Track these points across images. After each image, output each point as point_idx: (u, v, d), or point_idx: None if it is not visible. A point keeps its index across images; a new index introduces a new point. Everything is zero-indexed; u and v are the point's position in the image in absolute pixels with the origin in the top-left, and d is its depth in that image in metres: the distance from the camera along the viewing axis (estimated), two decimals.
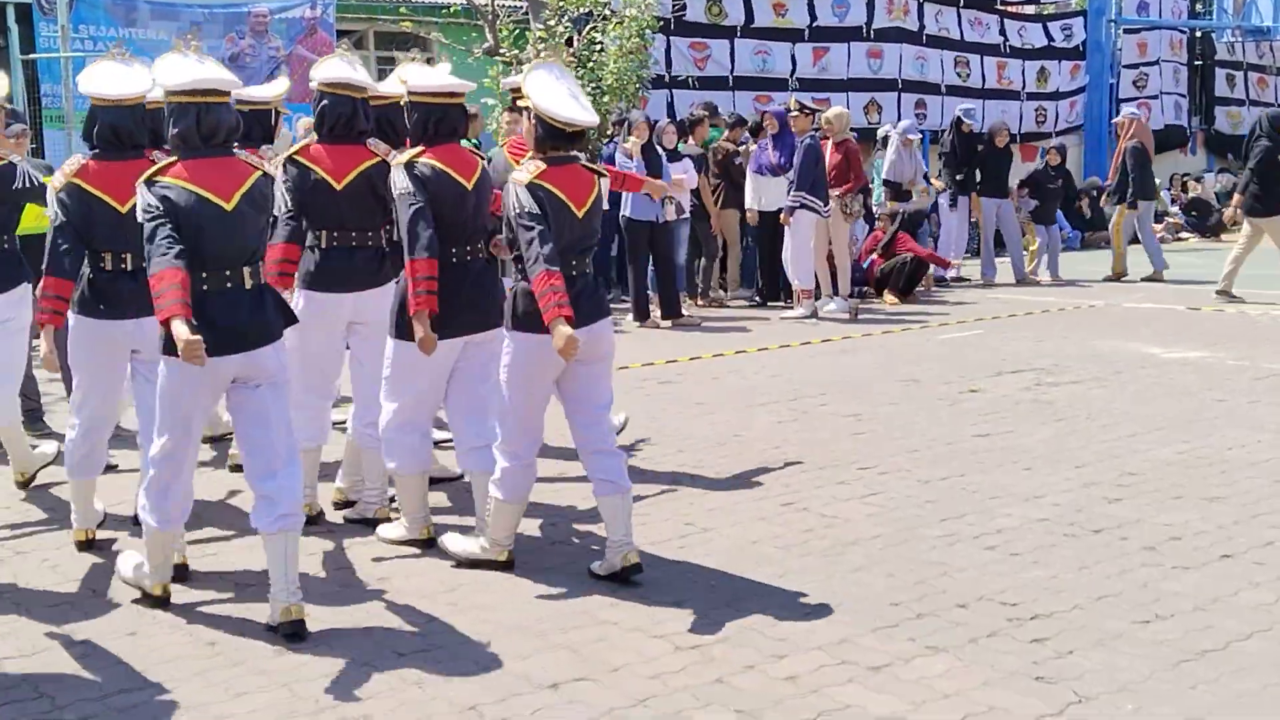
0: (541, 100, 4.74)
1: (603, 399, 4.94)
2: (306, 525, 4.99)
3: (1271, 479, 6.10)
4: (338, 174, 5.32)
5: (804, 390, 8.56)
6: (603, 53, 14.73)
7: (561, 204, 4.69)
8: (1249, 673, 3.95)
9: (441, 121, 5.10)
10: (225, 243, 4.38)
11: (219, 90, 4.48)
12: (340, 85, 5.40)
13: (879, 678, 3.99)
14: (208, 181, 4.38)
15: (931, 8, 19.91)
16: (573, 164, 4.82)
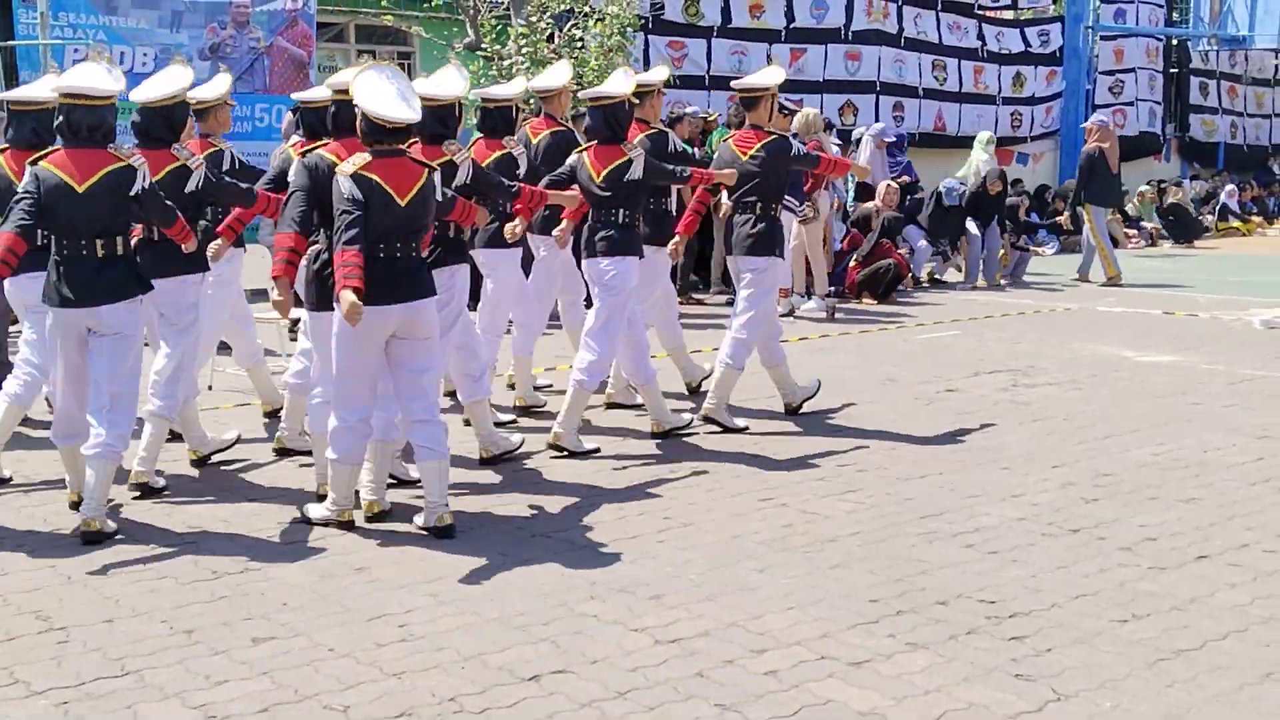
0: (364, 99, 5.28)
1: (426, 371, 5.47)
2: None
3: (1246, 482, 6.15)
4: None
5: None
6: (584, 49, 14.71)
7: (384, 192, 5.23)
8: (1225, 672, 3.99)
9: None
10: (74, 218, 5.33)
11: (87, 95, 5.38)
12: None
13: (859, 673, 4.00)
14: (66, 167, 5.34)
15: (911, 11, 19.95)
16: (399, 157, 5.34)
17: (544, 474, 6.43)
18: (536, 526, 5.55)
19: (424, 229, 5.49)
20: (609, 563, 5.05)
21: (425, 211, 5.41)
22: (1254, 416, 7.54)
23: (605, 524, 5.56)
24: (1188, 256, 18.24)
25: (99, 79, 5.50)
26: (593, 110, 7.07)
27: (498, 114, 7.14)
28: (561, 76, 8.11)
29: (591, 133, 7.13)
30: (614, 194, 6.88)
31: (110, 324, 5.39)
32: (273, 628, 4.39)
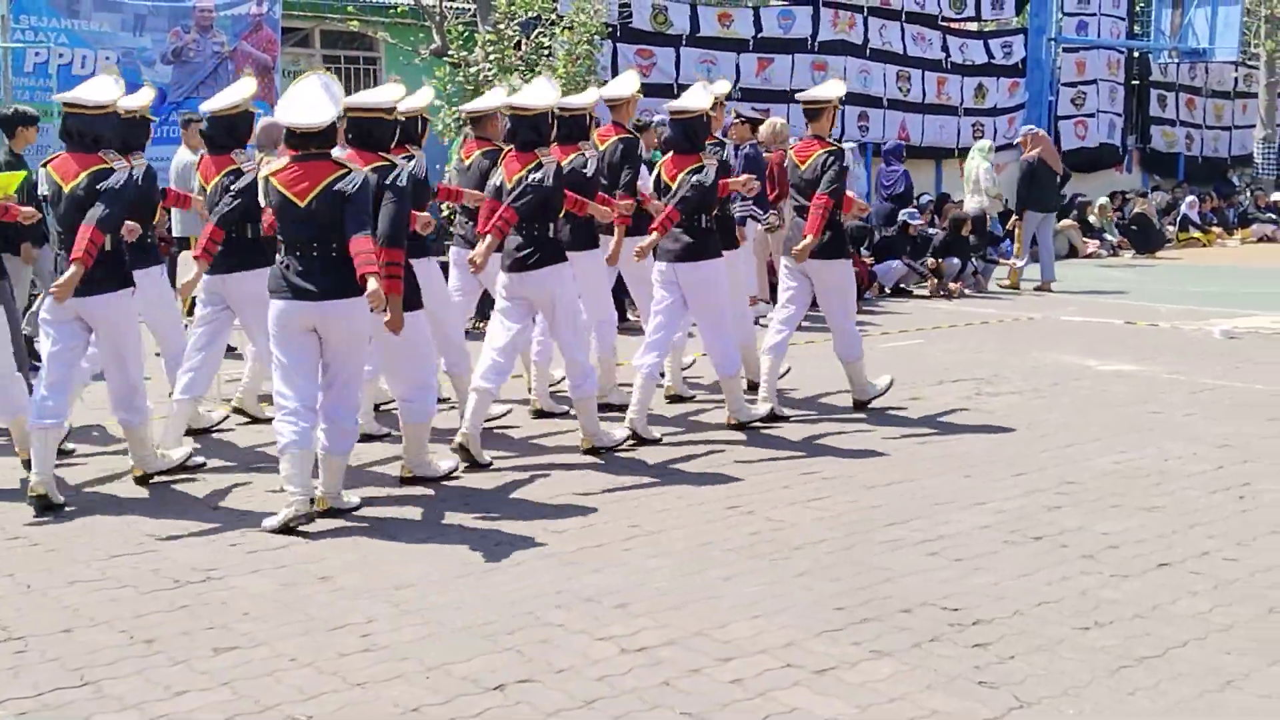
0: (279, 106, 5.77)
1: (343, 374, 5.72)
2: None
3: (1207, 490, 6.20)
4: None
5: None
6: (551, 57, 14.71)
7: (282, 196, 5.60)
8: (1186, 679, 4.01)
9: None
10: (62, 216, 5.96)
11: (81, 104, 6.01)
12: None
13: (824, 681, 4.01)
14: (59, 169, 6.03)
15: (876, 22, 20.05)
16: (315, 160, 5.61)
17: (510, 482, 6.41)
18: (502, 535, 5.53)
19: (336, 229, 5.52)
20: (575, 571, 5.04)
21: (330, 212, 5.52)
22: (1214, 426, 7.61)
23: (572, 532, 5.55)
24: (1149, 267, 18.40)
25: (96, 91, 6.08)
26: (673, 123, 7.52)
27: (573, 122, 7.37)
28: (630, 86, 8.38)
29: (669, 143, 7.60)
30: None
31: (96, 315, 5.96)
32: (234, 637, 4.35)
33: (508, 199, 6.58)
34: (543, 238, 6.72)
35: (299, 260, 5.61)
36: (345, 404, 5.75)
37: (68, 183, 5.95)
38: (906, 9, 20.52)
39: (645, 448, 7.10)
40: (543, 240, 6.72)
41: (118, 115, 6.26)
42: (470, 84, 14.46)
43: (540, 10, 15.03)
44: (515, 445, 7.20)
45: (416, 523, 5.70)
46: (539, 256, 6.70)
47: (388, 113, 6.17)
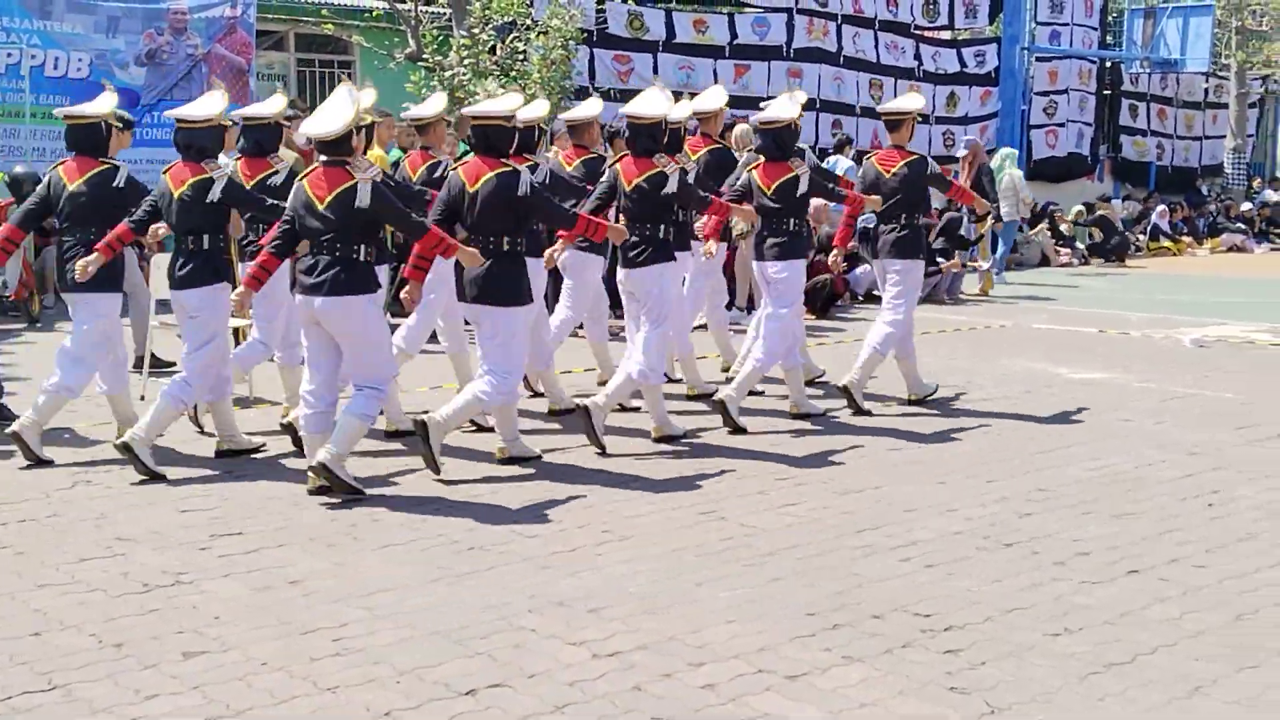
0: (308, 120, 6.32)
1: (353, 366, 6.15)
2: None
3: (1177, 498, 6.25)
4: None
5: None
6: (526, 62, 14.71)
7: (307, 199, 6.06)
8: (1155, 686, 4.04)
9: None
10: (171, 218, 6.73)
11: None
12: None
13: (796, 687, 4.01)
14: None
15: (850, 30, 20.16)
16: (337, 167, 6.05)
17: (482, 486, 6.40)
18: (475, 539, 5.52)
19: (351, 231, 5.99)
20: (548, 576, 5.03)
21: (345, 215, 5.97)
22: (1185, 433, 7.66)
23: (544, 537, 5.55)
24: (1120, 276, 18.52)
25: (202, 107, 6.87)
26: (763, 133, 7.99)
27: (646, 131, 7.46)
28: (718, 100, 9.07)
29: (761, 151, 8.04)
30: (783, 205, 7.82)
31: (189, 306, 6.66)
32: (205, 641, 4.32)
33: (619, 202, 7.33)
34: (654, 237, 7.22)
35: (313, 258, 6.07)
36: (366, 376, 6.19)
37: (176, 189, 6.68)
38: (880, 17, 20.64)
39: (614, 456, 7.09)
40: (654, 239, 7.22)
41: (222, 128, 6.98)
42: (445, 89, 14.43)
43: (516, 15, 15.03)
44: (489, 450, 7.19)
45: (389, 527, 5.68)
46: (649, 254, 7.21)
47: (507, 120, 6.61)
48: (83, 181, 6.93)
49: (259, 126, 7.41)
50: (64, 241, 7.04)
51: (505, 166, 6.48)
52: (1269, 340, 11.51)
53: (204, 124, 6.72)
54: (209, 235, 6.67)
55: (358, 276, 6.02)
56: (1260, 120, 28.57)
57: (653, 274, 7.24)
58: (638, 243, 7.22)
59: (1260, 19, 27.62)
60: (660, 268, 7.25)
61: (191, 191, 6.60)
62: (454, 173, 6.67)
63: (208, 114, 6.77)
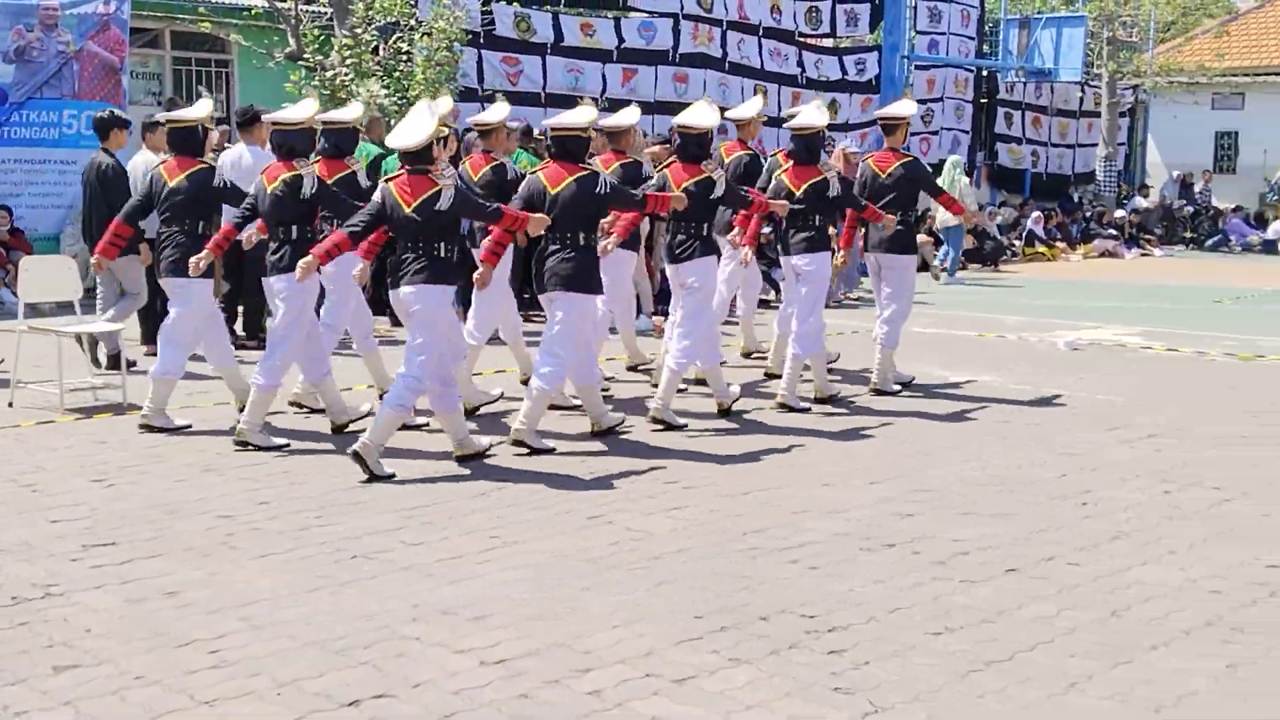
0: (392, 133, 6.99)
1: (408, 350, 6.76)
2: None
3: (1052, 497, 6.39)
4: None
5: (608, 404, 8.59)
6: (410, 63, 14.56)
7: (395, 201, 6.72)
8: (1033, 683, 4.12)
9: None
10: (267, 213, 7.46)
11: (280, 122, 7.65)
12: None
13: (683, 690, 4.02)
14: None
15: (734, 36, 20.31)
16: (420, 175, 6.71)
17: (364, 493, 6.31)
18: (357, 547, 5.43)
19: (435, 231, 6.68)
20: (433, 584, 4.97)
21: (430, 217, 6.65)
22: (1059, 435, 7.84)
23: (429, 544, 5.48)
24: (997, 281, 18.92)
25: (296, 110, 7.68)
26: (795, 138, 8.75)
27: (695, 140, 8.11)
28: (754, 108, 9.77)
29: (792, 155, 8.77)
30: (808, 205, 8.51)
31: (278, 290, 7.35)
32: (76, 655, 4.19)
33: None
34: (699, 234, 8.03)
35: (400, 255, 6.76)
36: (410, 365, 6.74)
37: (269, 185, 7.41)
38: (764, 24, 20.83)
39: (501, 461, 7.05)
40: (700, 236, 8.03)
41: (313, 130, 7.72)
42: (326, 89, 14.23)
43: (399, 15, 14.88)
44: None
45: (268, 535, 5.57)
46: (697, 248, 8.01)
47: (583, 131, 7.46)
48: (184, 178, 7.67)
49: (338, 130, 8.20)
50: (161, 234, 7.76)
51: (584, 170, 7.34)
52: (1140, 343, 11.85)
53: (297, 126, 7.55)
54: (299, 227, 7.38)
55: (439, 269, 6.72)
56: (1131, 129, 29.43)
57: (700, 265, 8.05)
58: (685, 240, 8.04)
59: (1130, 30, 28.48)
60: (709, 260, 8.10)
61: (284, 187, 7.35)
62: (534, 177, 7.46)
63: (300, 117, 7.58)
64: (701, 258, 8.06)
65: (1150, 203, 26.55)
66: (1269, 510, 6.15)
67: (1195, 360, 10.83)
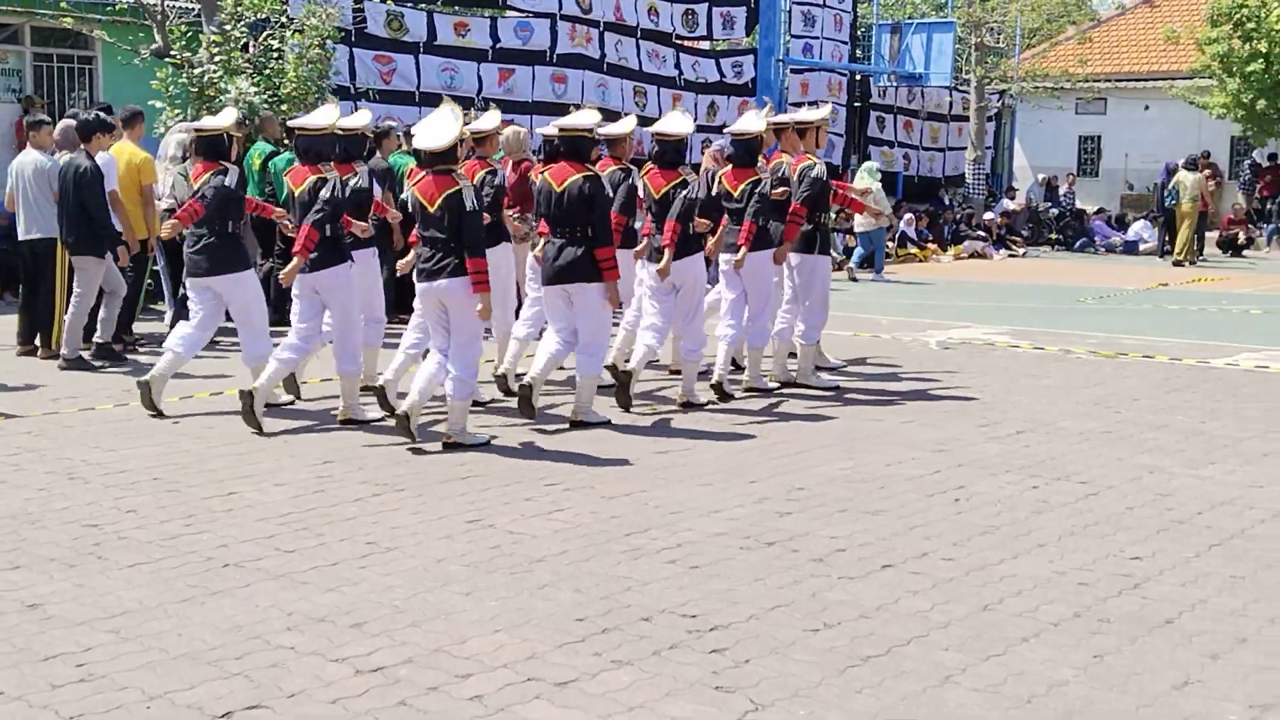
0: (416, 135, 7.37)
1: (458, 336, 7.26)
2: None
3: (925, 493, 6.51)
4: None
5: (488, 408, 8.54)
6: (281, 60, 14.30)
7: (418, 200, 7.24)
8: (909, 676, 4.18)
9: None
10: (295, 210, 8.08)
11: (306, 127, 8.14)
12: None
13: (565, 693, 4.00)
14: (294, 177, 8.16)
15: (612, 37, 20.33)
16: (443, 174, 7.15)
17: (236, 500, 6.17)
18: (228, 555, 5.31)
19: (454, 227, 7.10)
20: (307, 591, 4.88)
21: (451, 215, 7.09)
22: (931, 432, 8.00)
23: (304, 551, 5.38)
24: (870, 280, 19.22)
25: (319, 117, 8.23)
26: (735, 142, 9.11)
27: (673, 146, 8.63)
28: (629, 124, 9.44)
29: (730, 158, 9.18)
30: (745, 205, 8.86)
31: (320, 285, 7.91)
32: None
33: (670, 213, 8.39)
34: (685, 235, 8.44)
35: (429, 251, 7.21)
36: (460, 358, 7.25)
37: (296, 188, 7.98)
38: (642, 26, 20.89)
39: (376, 466, 6.96)
40: (686, 237, 8.44)
41: (335, 135, 8.11)
42: (195, 87, 13.90)
43: (270, 12, 14.60)
44: (245, 458, 6.95)
45: (137, 544, 5.42)
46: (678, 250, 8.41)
47: (589, 132, 7.99)
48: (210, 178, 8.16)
49: (349, 137, 8.41)
50: (193, 235, 8.19)
51: (588, 170, 7.87)
52: (1008, 342, 12.13)
53: (320, 132, 8.04)
54: (329, 225, 7.81)
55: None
56: (998, 133, 30.18)
57: (682, 265, 8.47)
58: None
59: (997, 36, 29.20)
60: (693, 259, 8.56)
61: (311, 189, 7.86)
62: (541, 176, 8.01)
63: (323, 124, 8.10)
64: (688, 256, 8.52)
65: (1017, 205, 27.23)
66: (1132, 504, 6.34)
67: (1061, 358, 11.13)
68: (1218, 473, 6.98)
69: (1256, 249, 25.80)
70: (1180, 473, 6.97)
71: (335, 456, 7.09)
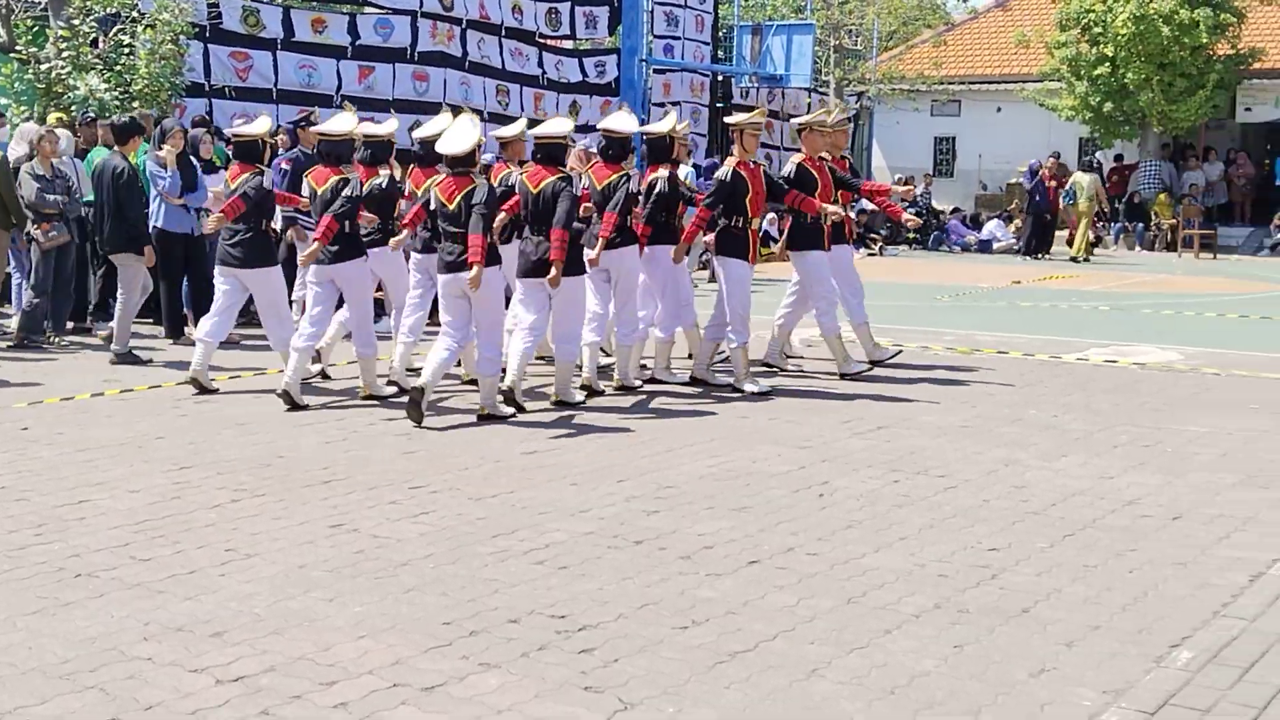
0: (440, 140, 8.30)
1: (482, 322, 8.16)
2: None
3: (790, 489, 6.59)
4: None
5: (352, 410, 8.42)
6: (132, 56, 13.90)
7: (439, 200, 8.03)
8: (776, 670, 4.23)
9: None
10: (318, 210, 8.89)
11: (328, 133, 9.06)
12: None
13: (432, 698, 3.95)
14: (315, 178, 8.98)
15: (475, 35, 20.18)
16: (462, 175, 8.02)
17: (89, 507, 5.98)
18: (81, 565, 5.14)
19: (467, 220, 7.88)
20: (165, 600, 4.75)
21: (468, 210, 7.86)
22: (795, 429, 8.10)
23: (160, 559, 5.23)
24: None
25: (338, 124, 9.10)
26: (648, 141, 9.68)
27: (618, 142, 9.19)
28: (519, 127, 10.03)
29: (602, 154, 9.37)
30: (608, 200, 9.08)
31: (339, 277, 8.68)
32: None
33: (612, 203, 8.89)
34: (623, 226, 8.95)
35: (449, 245, 7.97)
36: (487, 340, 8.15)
37: (319, 187, 8.81)
38: (505, 24, 20.78)
39: (237, 470, 6.81)
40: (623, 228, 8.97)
41: (354, 140, 9.03)
42: (42, 83, 13.44)
43: (120, 6, 14.18)
44: (98, 465, 6.74)
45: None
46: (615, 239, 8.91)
47: (563, 138, 8.73)
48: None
49: (375, 142, 9.22)
50: (232, 229, 8.79)
51: (561, 173, 8.46)
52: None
53: (340, 137, 8.94)
54: (349, 222, 8.58)
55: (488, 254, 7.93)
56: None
57: (618, 254, 8.95)
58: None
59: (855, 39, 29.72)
60: (627, 249, 9.02)
61: (332, 190, 8.64)
62: (519, 179, 8.70)
63: (343, 130, 8.97)
64: (625, 247, 8.99)
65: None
66: (989, 496, 6.50)
67: (919, 354, 11.36)
68: (1070, 465, 7.20)
69: (1104, 247, 26.69)
70: (1035, 465, 7.17)
71: (193, 461, 6.91)
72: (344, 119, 9.26)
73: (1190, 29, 24.69)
